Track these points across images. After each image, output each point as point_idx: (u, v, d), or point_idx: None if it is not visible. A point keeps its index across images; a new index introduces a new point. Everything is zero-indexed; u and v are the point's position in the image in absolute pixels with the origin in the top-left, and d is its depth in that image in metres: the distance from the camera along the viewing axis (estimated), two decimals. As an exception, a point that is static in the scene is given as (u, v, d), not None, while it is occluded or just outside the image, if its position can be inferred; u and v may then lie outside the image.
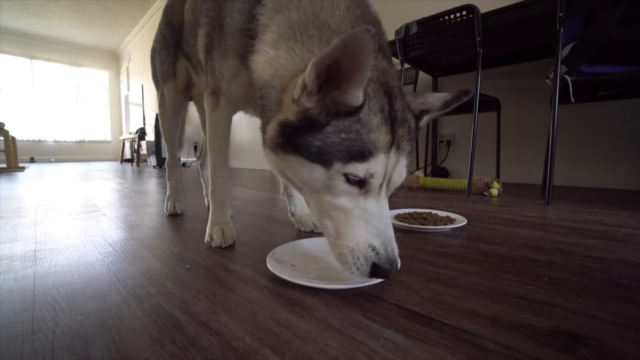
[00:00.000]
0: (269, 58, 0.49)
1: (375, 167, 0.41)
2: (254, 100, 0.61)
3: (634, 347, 0.33)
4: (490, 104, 1.83)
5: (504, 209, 1.15)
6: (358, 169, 0.40)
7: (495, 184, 1.49)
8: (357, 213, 0.43)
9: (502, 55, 1.92)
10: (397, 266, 0.44)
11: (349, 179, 0.41)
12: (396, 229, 0.85)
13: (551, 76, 1.28)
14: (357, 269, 0.42)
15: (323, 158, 0.41)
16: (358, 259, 0.42)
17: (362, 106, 0.39)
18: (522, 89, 2.04)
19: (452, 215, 0.92)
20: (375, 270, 0.42)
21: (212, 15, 0.64)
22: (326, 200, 0.44)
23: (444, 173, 2.33)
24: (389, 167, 0.42)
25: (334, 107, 0.39)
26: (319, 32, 0.46)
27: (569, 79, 1.22)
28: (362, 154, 0.40)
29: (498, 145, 1.96)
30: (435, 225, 0.83)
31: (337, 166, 0.41)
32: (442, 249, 0.67)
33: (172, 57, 1.00)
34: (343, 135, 0.40)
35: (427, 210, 0.98)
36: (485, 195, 1.51)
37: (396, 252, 0.44)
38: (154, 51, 1.06)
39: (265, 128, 0.48)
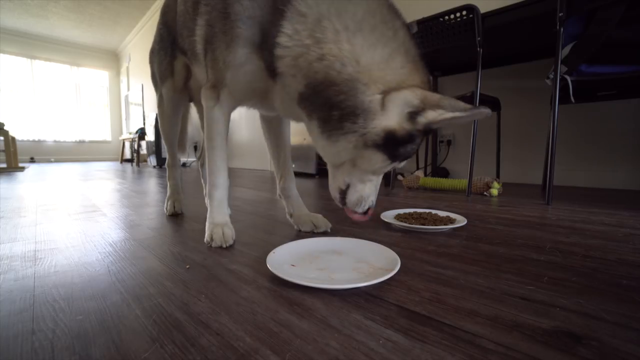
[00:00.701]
0: (348, 53, 0.50)
1: (404, 163, 0.59)
2: (259, 92, 0.66)
3: (634, 347, 0.33)
4: (490, 104, 1.83)
5: (504, 209, 1.15)
6: (398, 164, 0.58)
7: (495, 184, 1.49)
8: (376, 182, 0.63)
9: (502, 55, 1.92)
10: (372, 211, 0.65)
11: (386, 171, 0.60)
12: (396, 229, 0.85)
13: (551, 76, 1.28)
14: (361, 207, 0.63)
15: (396, 159, 0.55)
16: (365, 205, 0.63)
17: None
18: (522, 89, 2.04)
19: (452, 215, 0.93)
20: (366, 212, 0.64)
21: (213, 3, 0.63)
22: (369, 176, 0.60)
23: (444, 173, 2.33)
24: None
25: (426, 133, 0.52)
26: (391, 32, 0.52)
27: (569, 79, 1.22)
28: (407, 158, 0.57)
29: (498, 145, 1.96)
30: (435, 225, 0.83)
31: (394, 163, 0.56)
32: (442, 249, 0.67)
33: (169, 56, 1.00)
34: (414, 147, 0.54)
35: (427, 210, 0.98)
36: (485, 195, 1.51)
37: (374, 204, 0.65)
38: (152, 52, 1.07)
39: (343, 123, 0.52)
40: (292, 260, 0.57)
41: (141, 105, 5.58)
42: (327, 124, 0.53)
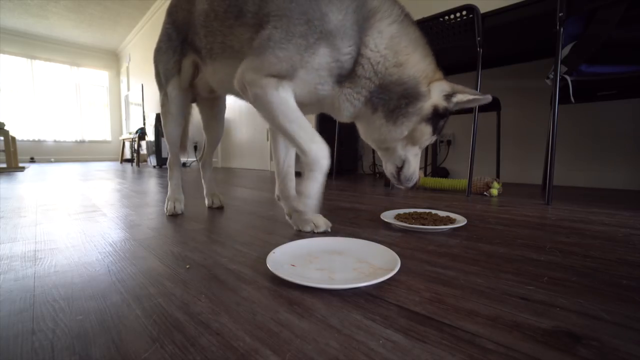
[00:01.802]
0: (413, 60, 0.70)
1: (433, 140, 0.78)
2: (317, 95, 0.72)
3: (635, 347, 0.33)
4: (490, 103, 1.82)
5: (504, 209, 1.15)
6: (433, 139, 0.77)
7: (495, 184, 1.49)
8: (419, 156, 0.80)
9: (502, 55, 1.92)
10: (417, 185, 0.84)
11: (428, 144, 0.77)
12: (396, 229, 0.85)
13: (551, 76, 1.28)
14: (412, 181, 0.80)
15: (436, 131, 0.74)
16: (415, 179, 0.80)
17: None
18: (522, 89, 2.04)
19: (452, 215, 0.93)
20: (414, 186, 0.81)
21: (299, 13, 0.65)
22: (416, 149, 0.77)
23: (444, 173, 2.33)
24: None
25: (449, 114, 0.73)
26: (423, 41, 0.73)
27: (569, 79, 1.22)
28: (439, 134, 0.76)
29: (498, 145, 1.96)
30: (435, 225, 0.83)
31: (434, 136, 0.75)
32: (442, 249, 0.67)
33: (178, 55, 1.00)
34: (445, 123, 0.75)
35: (427, 210, 0.99)
36: (485, 195, 1.51)
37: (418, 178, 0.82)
38: (158, 51, 1.05)
39: (406, 109, 0.70)
40: (292, 260, 0.57)
41: (141, 105, 5.58)
42: (393, 112, 0.70)
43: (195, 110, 1.22)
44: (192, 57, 0.98)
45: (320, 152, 0.68)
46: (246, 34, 0.73)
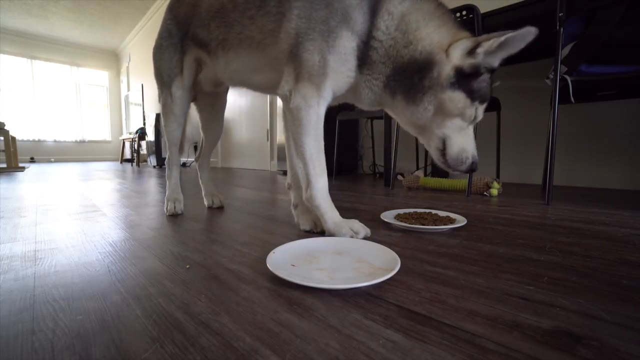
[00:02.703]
0: (425, 36, 0.67)
1: (483, 109, 0.71)
2: (350, 85, 0.74)
3: (635, 347, 0.33)
4: (490, 104, 1.82)
5: (504, 209, 1.15)
6: (479, 109, 0.70)
7: (495, 184, 1.49)
8: (470, 134, 0.73)
9: (502, 55, 1.92)
10: (476, 166, 0.73)
11: (471, 114, 0.69)
12: (396, 229, 0.85)
13: (551, 76, 1.28)
14: (463, 163, 0.72)
15: (474, 95, 0.67)
16: (467, 159, 0.72)
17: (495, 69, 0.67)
18: (522, 89, 2.04)
19: (452, 215, 0.93)
20: (470, 167, 0.72)
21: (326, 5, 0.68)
22: (456, 123, 0.70)
23: (444, 173, 2.33)
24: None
25: (489, 65, 0.66)
26: (440, 12, 0.70)
27: (568, 79, 1.22)
28: (484, 100, 0.69)
29: (498, 145, 1.95)
30: (435, 225, 0.83)
31: (476, 103, 0.68)
32: (442, 249, 0.67)
33: (179, 53, 1.00)
34: (484, 84, 0.67)
35: (427, 210, 0.98)
36: (485, 195, 1.51)
37: (477, 158, 0.74)
38: (158, 48, 1.04)
39: (421, 83, 0.67)
40: (292, 260, 0.57)
41: (141, 105, 5.58)
42: (410, 91, 0.68)
43: (192, 110, 1.22)
44: (194, 53, 0.98)
45: (321, 191, 0.75)
46: (269, 24, 0.74)
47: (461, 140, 0.72)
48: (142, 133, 5.03)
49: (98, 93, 7.75)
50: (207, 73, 1.02)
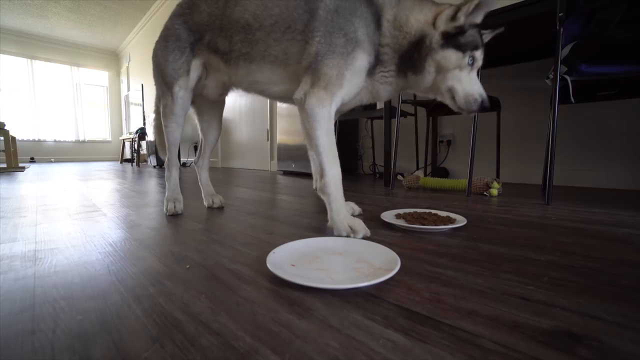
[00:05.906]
0: (414, 22, 0.79)
1: (480, 54, 0.80)
2: (359, 89, 0.86)
3: (634, 347, 0.33)
4: (490, 104, 1.82)
5: (504, 209, 1.15)
6: (475, 55, 0.79)
7: (495, 184, 1.49)
8: (473, 78, 0.82)
9: (502, 55, 1.92)
10: (487, 103, 0.81)
11: (468, 61, 0.79)
12: (396, 229, 0.85)
13: (551, 76, 1.28)
14: (473, 103, 0.81)
15: (464, 47, 0.77)
16: (476, 99, 0.80)
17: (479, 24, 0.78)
18: (522, 89, 2.04)
19: (452, 215, 0.93)
20: (481, 105, 0.81)
21: (332, 16, 0.79)
22: (455, 74, 0.80)
23: (444, 173, 2.34)
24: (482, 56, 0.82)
25: (472, 23, 0.77)
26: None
27: (568, 79, 1.22)
28: (475, 47, 0.79)
29: (498, 145, 1.96)
30: (435, 225, 0.83)
31: (467, 53, 0.78)
32: (442, 249, 0.67)
33: (186, 56, 1.01)
34: (470, 37, 0.77)
35: (427, 210, 0.99)
36: (485, 195, 1.51)
37: (486, 96, 0.82)
38: (164, 50, 1.03)
39: (419, 54, 0.79)
40: (292, 260, 0.57)
41: (141, 105, 5.58)
42: (414, 65, 0.80)
43: (191, 111, 1.22)
44: (205, 58, 1.01)
45: (334, 178, 0.80)
46: (293, 49, 0.84)
47: (465, 85, 0.81)
48: (142, 133, 5.03)
49: (98, 93, 7.75)
50: (218, 77, 1.04)
